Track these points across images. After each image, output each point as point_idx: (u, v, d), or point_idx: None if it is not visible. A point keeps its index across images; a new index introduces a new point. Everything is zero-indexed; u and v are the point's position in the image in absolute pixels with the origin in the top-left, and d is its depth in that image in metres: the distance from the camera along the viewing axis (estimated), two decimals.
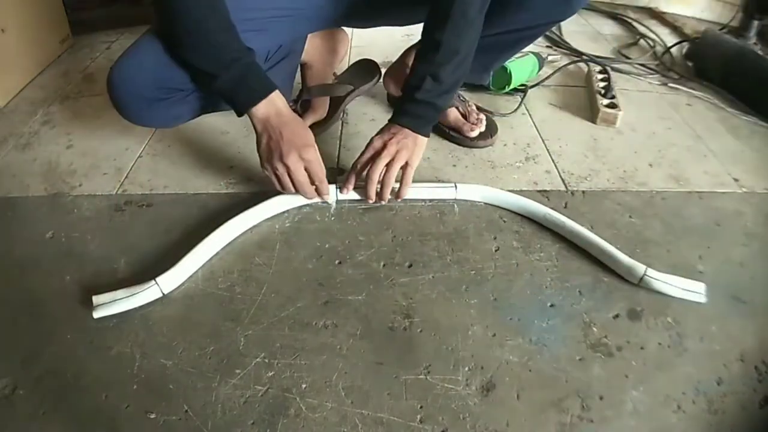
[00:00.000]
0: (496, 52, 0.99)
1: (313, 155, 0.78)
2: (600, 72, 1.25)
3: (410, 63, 0.95)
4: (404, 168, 0.83)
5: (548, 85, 1.26)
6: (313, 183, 0.81)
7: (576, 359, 0.66)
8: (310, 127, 1.04)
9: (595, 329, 0.70)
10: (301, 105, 1.04)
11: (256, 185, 0.93)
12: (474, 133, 1.02)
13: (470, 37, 0.80)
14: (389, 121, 0.85)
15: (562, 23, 1.48)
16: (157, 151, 1.02)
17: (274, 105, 0.77)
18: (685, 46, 1.45)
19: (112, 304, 0.69)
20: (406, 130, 0.83)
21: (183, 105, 0.83)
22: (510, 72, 1.15)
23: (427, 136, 0.85)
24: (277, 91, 0.77)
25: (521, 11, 0.85)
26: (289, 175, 0.78)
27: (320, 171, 0.80)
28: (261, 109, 0.76)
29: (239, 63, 0.74)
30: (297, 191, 0.80)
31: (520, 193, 0.89)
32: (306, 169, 0.78)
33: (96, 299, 0.70)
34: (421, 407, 0.61)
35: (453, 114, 1.03)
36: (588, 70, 1.29)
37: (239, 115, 0.78)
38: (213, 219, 0.83)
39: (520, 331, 0.69)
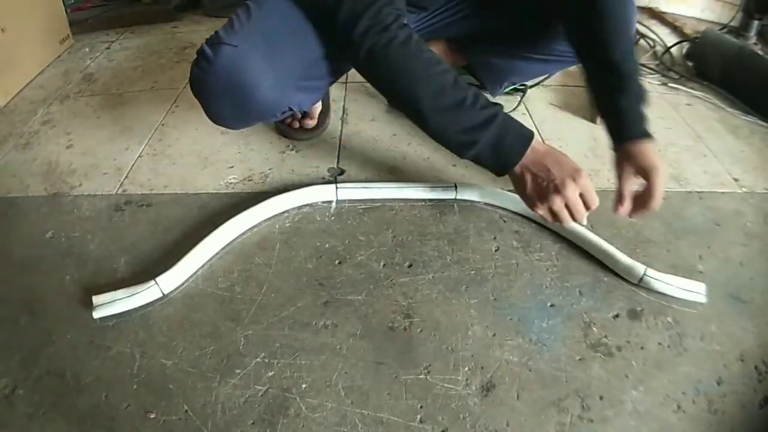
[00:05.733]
0: (520, 75, 1.02)
1: (587, 181, 0.70)
2: None
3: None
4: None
5: (548, 85, 1.26)
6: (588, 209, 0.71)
7: (576, 359, 0.66)
8: (319, 118, 1.04)
9: (595, 329, 0.70)
10: None
11: (256, 185, 0.93)
12: None
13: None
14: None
15: None
16: (157, 150, 1.02)
17: (532, 150, 0.71)
18: (685, 46, 1.44)
19: (112, 304, 0.70)
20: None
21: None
22: None
23: None
24: (536, 136, 0.72)
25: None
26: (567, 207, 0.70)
27: (596, 198, 0.71)
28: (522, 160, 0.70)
29: (494, 121, 0.69)
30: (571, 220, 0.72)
31: None
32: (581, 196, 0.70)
33: (96, 299, 0.70)
34: (421, 407, 0.61)
35: None
36: None
37: (499, 175, 0.74)
38: (213, 219, 0.83)
39: (520, 331, 0.69)
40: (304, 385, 0.63)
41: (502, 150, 0.70)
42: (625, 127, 0.72)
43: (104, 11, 1.63)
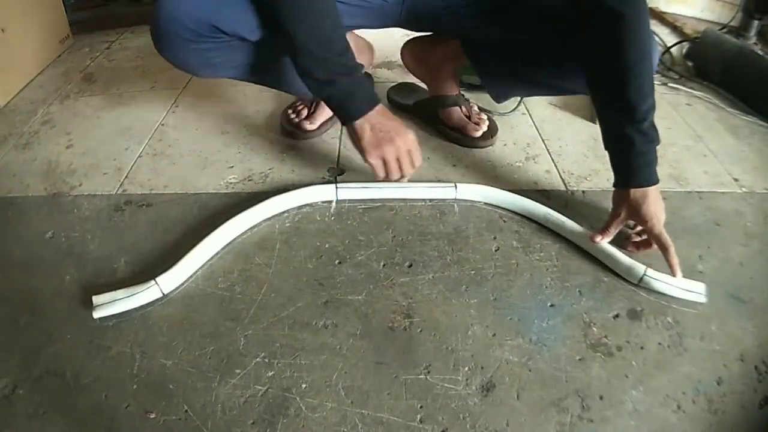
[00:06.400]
0: (525, 93, 1.05)
1: (415, 139, 0.82)
2: None
3: (437, 52, 1.00)
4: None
5: None
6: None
7: (576, 359, 0.66)
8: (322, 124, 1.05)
9: (595, 329, 0.70)
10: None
11: (256, 185, 0.93)
12: (478, 133, 1.02)
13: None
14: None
15: None
16: (157, 150, 1.03)
17: (374, 109, 0.78)
18: (685, 46, 1.44)
19: (112, 304, 0.70)
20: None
21: (223, 55, 0.80)
22: None
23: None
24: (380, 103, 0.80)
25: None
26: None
27: (420, 156, 0.83)
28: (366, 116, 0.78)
29: (353, 75, 0.76)
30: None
31: (520, 193, 0.89)
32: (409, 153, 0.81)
33: (96, 299, 0.70)
34: (421, 407, 0.61)
35: (456, 114, 1.03)
36: None
37: (344, 123, 0.80)
38: (213, 219, 0.83)
39: (520, 331, 0.69)
40: (304, 385, 0.63)
41: (353, 100, 0.77)
42: (634, 174, 0.76)
43: (104, 11, 1.63)
